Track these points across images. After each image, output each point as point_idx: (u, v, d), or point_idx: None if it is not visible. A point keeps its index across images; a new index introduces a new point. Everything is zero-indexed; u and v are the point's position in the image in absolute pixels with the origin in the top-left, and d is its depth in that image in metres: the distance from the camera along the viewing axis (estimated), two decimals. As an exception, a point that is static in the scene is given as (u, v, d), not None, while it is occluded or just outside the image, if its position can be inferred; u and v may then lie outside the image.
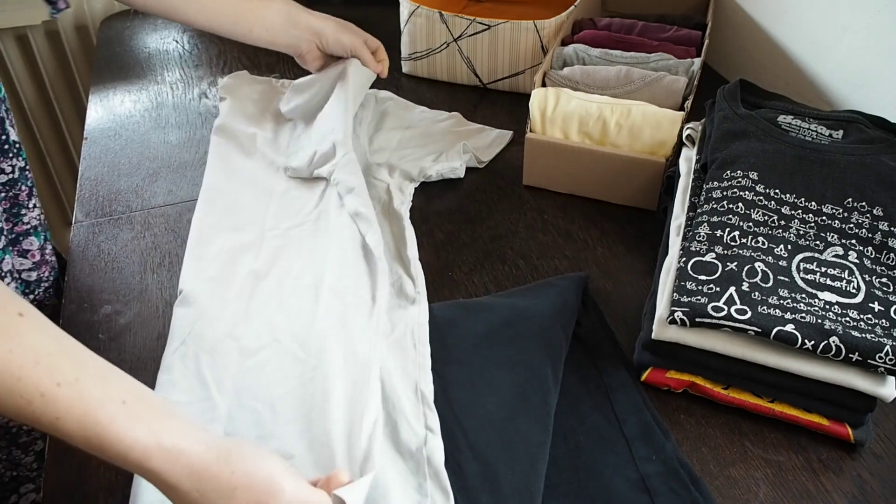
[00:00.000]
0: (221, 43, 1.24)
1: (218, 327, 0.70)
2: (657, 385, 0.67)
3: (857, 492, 0.60)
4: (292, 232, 0.81)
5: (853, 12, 0.90)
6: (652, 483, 0.59)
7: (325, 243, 0.79)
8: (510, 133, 1.00)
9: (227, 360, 0.67)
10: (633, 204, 0.88)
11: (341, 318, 0.70)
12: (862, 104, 0.90)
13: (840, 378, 0.59)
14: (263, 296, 0.73)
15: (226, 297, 0.73)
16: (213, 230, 0.81)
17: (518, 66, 1.06)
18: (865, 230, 0.66)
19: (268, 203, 0.85)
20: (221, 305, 0.72)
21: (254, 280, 0.75)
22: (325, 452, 0.58)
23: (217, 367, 0.66)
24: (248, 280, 0.75)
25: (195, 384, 0.65)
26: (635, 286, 0.77)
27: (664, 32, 1.03)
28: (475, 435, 0.60)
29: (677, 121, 0.83)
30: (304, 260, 0.77)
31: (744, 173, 0.70)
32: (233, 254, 0.78)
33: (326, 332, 0.68)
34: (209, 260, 0.77)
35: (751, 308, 0.60)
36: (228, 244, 0.79)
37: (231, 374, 0.66)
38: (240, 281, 0.75)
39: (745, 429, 0.64)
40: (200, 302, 0.72)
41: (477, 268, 0.80)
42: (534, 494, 0.56)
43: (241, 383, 0.65)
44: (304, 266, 0.76)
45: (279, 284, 0.75)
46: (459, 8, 1.25)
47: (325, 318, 0.70)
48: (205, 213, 0.84)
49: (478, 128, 1.00)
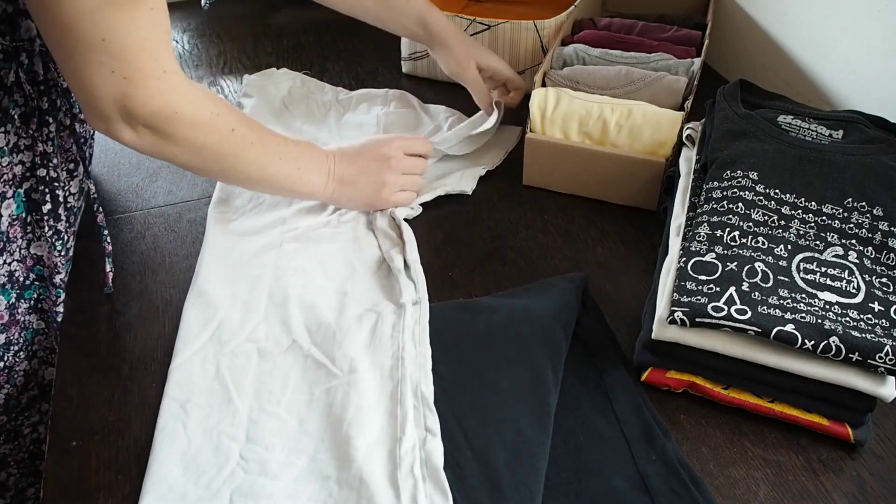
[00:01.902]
0: (221, 43, 1.24)
1: (237, 330, 0.70)
2: (657, 385, 0.67)
3: (857, 492, 0.60)
4: (311, 234, 0.81)
5: (853, 12, 0.90)
6: (652, 483, 0.59)
7: (345, 248, 0.80)
8: (518, 129, 0.99)
9: (246, 364, 0.67)
10: (633, 204, 0.88)
11: (370, 328, 0.69)
12: (862, 104, 0.90)
13: (840, 378, 0.59)
14: (282, 297, 0.73)
15: (244, 298, 0.73)
16: (231, 230, 0.81)
17: (518, 66, 1.06)
18: (865, 230, 0.66)
19: (284, 205, 0.85)
20: (240, 307, 0.72)
21: (273, 282, 0.75)
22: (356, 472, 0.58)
23: (236, 369, 0.66)
24: (267, 282, 0.75)
25: (215, 387, 0.65)
26: (635, 286, 0.77)
27: (664, 32, 1.03)
28: (475, 435, 0.60)
29: (677, 121, 0.83)
30: (326, 264, 0.77)
31: (744, 173, 0.70)
32: (251, 255, 0.78)
33: (353, 343, 0.68)
34: (226, 260, 0.77)
35: (751, 308, 0.60)
36: (246, 244, 0.79)
37: (251, 378, 0.66)
38: (259, 283, 0.75)
39: (745, 429, 0.64)
40: (217, 303, 0.72)
41: (477, 268, 0.80)
42: (534, 494, 0.56)
43: (262, 387, 0.65)
44: (325, 270, 0.77)
45: (299, 287, 0.74)
46: (459, 8, 1.25)
47: (350, 327, 0.70)
48: (221, 213, 0.84)
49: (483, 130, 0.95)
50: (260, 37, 1.26)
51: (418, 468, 0.58)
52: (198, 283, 0.75)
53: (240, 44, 1.23)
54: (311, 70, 1.15)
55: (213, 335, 0.70)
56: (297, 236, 0.81)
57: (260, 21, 1.31)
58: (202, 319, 0.71)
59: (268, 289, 0.74)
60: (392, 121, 1.01)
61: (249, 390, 0.65)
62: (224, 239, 0.80)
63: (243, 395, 0.64)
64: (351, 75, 1.14)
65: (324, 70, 1.15)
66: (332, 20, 1.30)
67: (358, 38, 1.25)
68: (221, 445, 0.61)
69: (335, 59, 1.18)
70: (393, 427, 0.61)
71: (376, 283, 0.76)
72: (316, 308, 0.72)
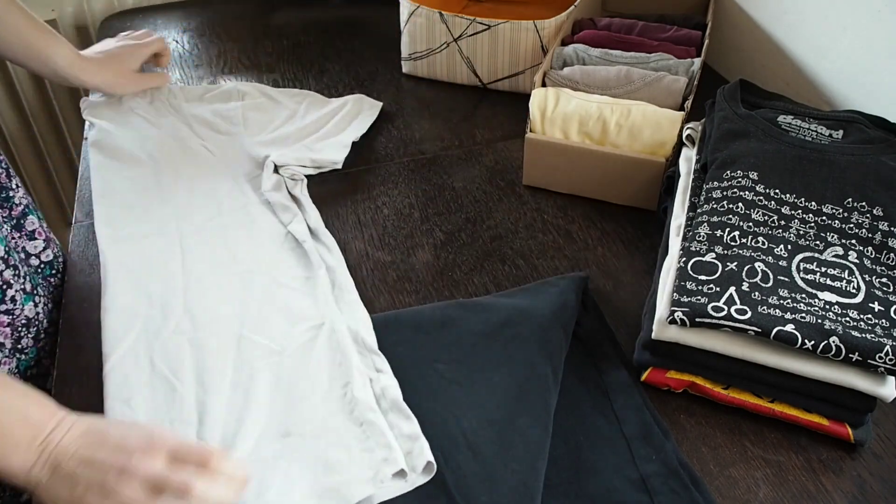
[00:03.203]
0: (221, 43, 1.24)
1: (161, 326, 0.70)
2: (657, 385, 0.67)
3: (857, 492, 0.60)
4: (209, 224, 0.82)
5: (853, 12, 0.90)
6: (652, 483, 0.59)
7: (247, 230, 0.81)
8: (379, 104, 1.04)
9: (180, 354, 0.68)
10: (633, 204, 0.88)
11: (285, 300, 0.73)
12: (862, 104, 0.90)
13: (840, 378, 0.59)
14: (199, 290, 0.74)
15: (160, 298, 0.73)
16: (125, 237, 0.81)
17: (518, 66, 1.06)
18: (865, 230, 0.66)
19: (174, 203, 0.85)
20: (158, 307, 0.72)
21: (185, 277, 0.76)
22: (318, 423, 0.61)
23: (172, 360, 0.67)
24: (180, 278, 0.76)
25: (155, 381, 0.66)
26: (635, 286, 0.77)
27: (664, 32, 1.03)
28: (475, 435, 0.60)
29: (677, 121, 0.83)
30: (232, 250, 0.79)
31: (744, 173, 0.70)
32: (154, 257, 0.78)
33: (281, 318, 0.71)
34: (130, 267, 0.77)
35: (751, 308, 0.60)
36: (146, 249, 0.79)
37: (189, 366, 0.67)
38: (171, 281, 0.75)
39: (745, 429, 0.64)
40: (135, 308, 0.72)
41: (477, 268, 0.80)
42: (533, 494, 0.56)
43: (203, 372, 0.66)
44: (234, 255, 0.78)
45: (214, 277, 0.76)
46: (459, 8, 1.25)
47: (274, 305, 0.72)
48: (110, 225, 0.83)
49: (345, 110, 1.01)
50: (260, 37, 1.26)
51: (376, 403, 0.62)
52: (107, 295, 0.74)
53: (240, 44, 1.23)
54: (311, 70, 1.15)
55: (138, 336, 0.70)
56: (196, 229, 0.81)
57: (260, 21, 1.31)
58: (123, 323, 0.71)
59: (181, 285, 0.75)
60: (249, 113, 1.01)
61: (191, 377, 0.66)
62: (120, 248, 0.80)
63: (186, 383, 0.65)
64: (351, 75, 1.14)
65: (324, 70, 1.15)
66: (332, 20, 1.31)
67: (358, 38, 1.25)
68: (176, 432, 0.61)
69: (335, 59, 1.18)
70: (341, 374, 0.64)
71: (288, 256, 0.78)
72: (235, 294, 0.74)
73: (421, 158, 0.97)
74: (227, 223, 0.82)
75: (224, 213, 0.84)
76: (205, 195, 0.86)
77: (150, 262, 0.78)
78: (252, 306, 0.72)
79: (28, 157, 1.52)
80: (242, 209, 0.84)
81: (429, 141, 1.01)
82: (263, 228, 0.82)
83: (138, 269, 0.77)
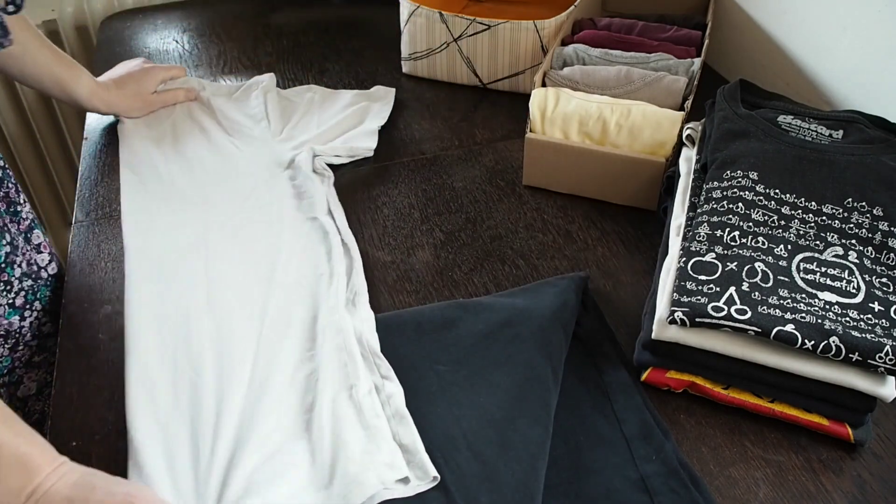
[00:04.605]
0: (221, 43, 1.24)
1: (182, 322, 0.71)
2: (657, 385, 0.67)
3: (857, 492, 0.60)
4: (232, 220, 0.83)
5: (853, 12, 0.90)
6: (652, 483, 0.59)
7: (270, 229, 0.82)
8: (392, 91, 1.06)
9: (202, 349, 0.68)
10: (633, 204, 0.88)
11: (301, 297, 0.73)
12: (862, 104, 0.90)
13: (840, 378, 0.59)
14: (221, 282, 0.75)
15: (183, 292, 0.74)
16: (152, 231, 0.82)
17: (518, 66, 1.06)
18: (865, 230, 0.66)
19: (199, 198, 0.87)
20: (179, 300, 0.73)
21: (206, 271, 0.76)
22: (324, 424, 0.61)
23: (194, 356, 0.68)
24: (201, 273, 0.76)
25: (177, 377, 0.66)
26: (635, 286, 0.77)
27: (664, 32, 1.03)
28: (475, 435, 0.60)
29: (677, 121, 0.83)
30: (253, 246, 0.80)
31: (744, 173, 0.70)
32: (178, 251, 0.79)
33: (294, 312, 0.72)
34: (154, 258, 0.78)
35: (751, 308, 0.60)
36: (171, 243, 0.80)
37: (208, 361, 0.67)
38: (193, 275, 0.76)
39: (745, 429, 0.64)
40: (155, 301, 0.73)
41: (477, 268, 0.80)
42: (533, 494, 0.56)
43: (221, 368, 0.67)
44: (255, 251, 0.79)
45: (234, 269, 0.77)
46: (459, 8, 1.25)
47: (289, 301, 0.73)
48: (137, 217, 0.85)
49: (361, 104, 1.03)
50: (260, 37, 1.26)
51: (381, 410, 0.62)
52: (131, 287, 0.75)
53: (240, 44, 1.23)
54: (311, 70, 1.15)
55: (160, 330, 0.70)
56: (220, 224, 0.83)
57: (260, 21, 1.31)
58: (146, 316, 0.72)
59: (204, 278, 0.76)
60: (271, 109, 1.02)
61: (210, 373, 0.66)
62: (145, 240, 0.81)
63: (205, 378, 0.66)
64: (351, 75, 1.14)
65: (324, 70, 1.15)
66: (332, 20, 1.31)
67: (358, 38, 1.25)
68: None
69: (335, 59, 1.18)
70: (347, 376, 0.64)
71: (311, 253, 0.79)
72: (256, 289, 0.74)
73: (421, 158, 0.97)
74: (253, 219, 0.84)
75: (248, 210, 0.85)
76: (231, 191, 0.88)
77: (173, 255, 0.79)
78: (272, 303, 0.73)
79: (28, 157, 1.52)
80: (267, 206, 0.85)
81: (429, 141, 1.01)
82: (287, 225, 0.82)
83: (162, 261, 0.78)
